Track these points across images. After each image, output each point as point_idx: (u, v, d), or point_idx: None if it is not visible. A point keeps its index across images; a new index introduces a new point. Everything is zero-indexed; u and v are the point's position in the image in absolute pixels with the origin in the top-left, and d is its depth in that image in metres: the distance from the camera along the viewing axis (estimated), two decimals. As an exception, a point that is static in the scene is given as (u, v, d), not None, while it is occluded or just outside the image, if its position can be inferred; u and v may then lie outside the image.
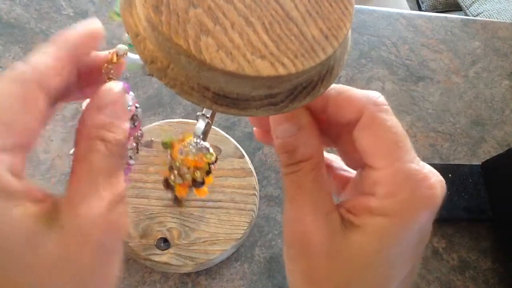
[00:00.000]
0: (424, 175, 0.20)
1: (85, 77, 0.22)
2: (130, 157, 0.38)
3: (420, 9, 1.50)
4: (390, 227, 0.20)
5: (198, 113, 0.25)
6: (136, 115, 0.35)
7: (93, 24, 0.21)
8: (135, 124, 0.35)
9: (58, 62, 0.19)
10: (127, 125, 0.20)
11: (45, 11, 0.63)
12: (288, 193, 0.22)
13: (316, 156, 0.22)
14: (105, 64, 0.24)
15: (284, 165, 0.22)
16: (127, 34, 0.27)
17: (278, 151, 0.22)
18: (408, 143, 0.21)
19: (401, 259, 0.21)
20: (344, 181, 0.26)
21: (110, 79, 0.22)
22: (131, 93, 0.34)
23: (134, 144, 0.38)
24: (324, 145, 0.24)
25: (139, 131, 0.38)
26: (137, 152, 0.39)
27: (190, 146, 0.36)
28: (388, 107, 0.21)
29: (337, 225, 0.21)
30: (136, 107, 0.36)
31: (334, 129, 0.24)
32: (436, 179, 0.20)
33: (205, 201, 0.52)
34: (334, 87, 0.22)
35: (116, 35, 0.62)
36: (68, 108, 0.57)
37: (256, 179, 0.55)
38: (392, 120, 0.21)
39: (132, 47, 0.24)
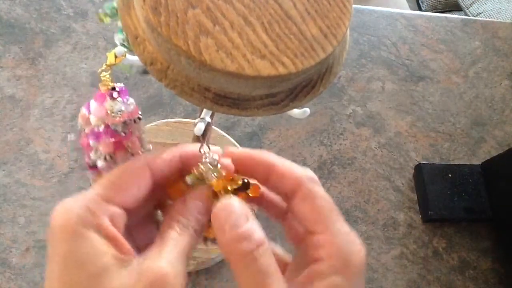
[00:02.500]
0: (352, 235, 0.24)
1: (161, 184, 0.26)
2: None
3: (420, 9, 1.50)
4: (343, 282, 0.22)
5: (196, 120, 0.25)
6: (126, 122, 0.34)
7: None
8: (125, 132, 0.35)
9: (167, 156, 0.25)
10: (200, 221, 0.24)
11: (45, 11, 0.63)
12: (250, 285, 0.22)
13: (267, 242, 0.23)
14: (104, 66, 0.25)
15: (241, 256, 0.22)
16: (118, 37, 0.27)
17: (231, 244, 0.23)
18: (336, 208, 0.25)
19: None
20: (282, 267, 0.27)
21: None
22: (131, 99, 0.33)
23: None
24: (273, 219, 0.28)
25: (133, 145, 0.36)
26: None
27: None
28: (318, 181, 0.25)
29: None
30: (139, 118, 0.35)
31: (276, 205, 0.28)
32: (359, 241, 0.24)
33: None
34: (278, 157, 0.26)
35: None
36: (68, 109, 0.57)
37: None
38: (323, 191, 0.25)
39: (126, 47, 0.24)
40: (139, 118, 0.35)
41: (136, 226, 0.25)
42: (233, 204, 0.23)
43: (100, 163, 0.35)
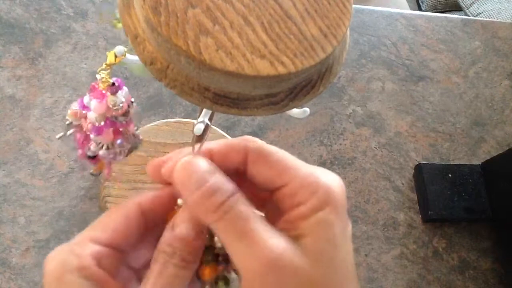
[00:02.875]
0: (321, 170, 0.23)
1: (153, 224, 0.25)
2: (119, 153, 0.38)
3: (420, 9, 1.50)
4: (331, 215, 0.22)
5: (195, 121, 0.25)
6: (128, 111, 0.35)
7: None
8: (126, 121, 0.35)
9: (158, 193, 0.25)
10: (196, 242, 0.23)
11: (45, 11, 0.63)
12: (232, 235, 0.21)
13: (239, 191, 0.22)
14: (104, 65, 0.25)
15: (214, 209, 0.21)
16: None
17: (201, 201, 0.22)
18: (293, 157, 0.24)
19: (348, 249, 0.22)
20: None
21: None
22: (124, 88, 0.34)
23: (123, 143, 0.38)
24: None
25: (131, 129, 0.37)
26: (126, 155, 0.39)
27: None
28: (260, 141, 0.24)
29: (291, 242, 0.22)
30: (132, 102, 0.36)
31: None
32: (333, 173, 0.24)
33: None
34: (215, 141, 0.25)
35: (117, 35, 0.63)
36: (69, 108, 0.57)
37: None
38: (271, 146, 0.24)
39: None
40: (132, 102, 0.36)
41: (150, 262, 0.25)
42: (195, 161, 0.22)
43: (102, 152, 0.36)
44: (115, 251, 0.23)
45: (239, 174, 0.25)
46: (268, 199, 0.25)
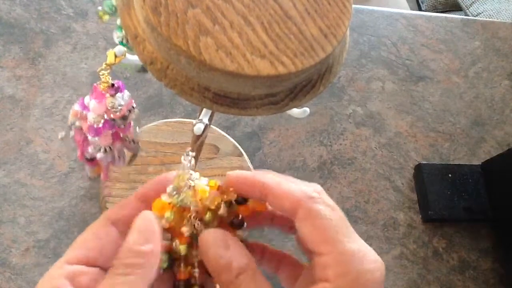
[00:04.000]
0: (364, 253, 0.23)
1: None
2: (118, 158, 0.38)
3: (420, 9, 1.50)
4: None
5: (195, 121, 0.25)
6: (126, 115, 0.35)
7: (163, 176, 0.26)
8: (124, 125, 0.35)
9: (124, 202, 0.25)
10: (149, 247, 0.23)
11: (45, 11, 0.63)
12: None
13: (251, 265, 0.23)
14: (104, 65, 0.24)
15: (226, 284, 0.23)
16: (117, 35, 0.27)
17: (215, 274, 0.23)
18: (344, 225, 0.23)
19: None
20: (296, 273, 0.27)
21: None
22: (126, 92, 0.34)
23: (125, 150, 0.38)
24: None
25: (129, 133, 0.37)
26: (129, 162, 0.39)
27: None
28: (322, 198, 0.24)
29: None
30: (133, 107, 0.36)
31: (281, 218, 0.27)
32: (373, 259, 0.24)
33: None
34: (274, 178, 0.24)
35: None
36: (68, 109, 0.57)
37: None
38: (326, 208, 0.23)
39: (124, 45, 0.24)
40: (133, 107, 0.35)
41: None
42: (211, 236, 0.24)
43: (99, 155, 0.36)
44: (93, 267, 0.23)
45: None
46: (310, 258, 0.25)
